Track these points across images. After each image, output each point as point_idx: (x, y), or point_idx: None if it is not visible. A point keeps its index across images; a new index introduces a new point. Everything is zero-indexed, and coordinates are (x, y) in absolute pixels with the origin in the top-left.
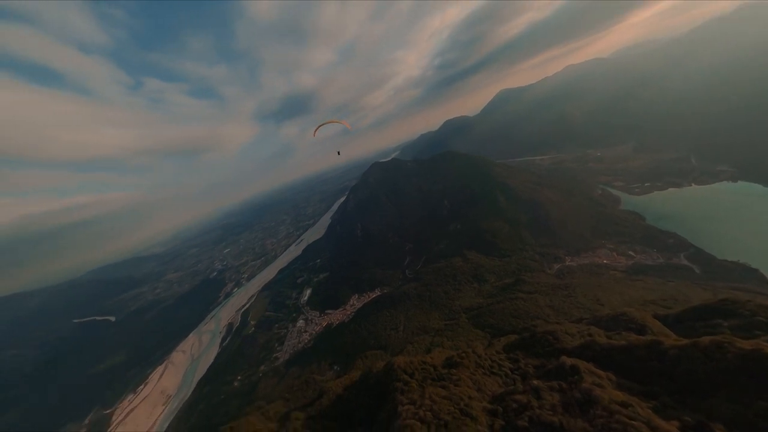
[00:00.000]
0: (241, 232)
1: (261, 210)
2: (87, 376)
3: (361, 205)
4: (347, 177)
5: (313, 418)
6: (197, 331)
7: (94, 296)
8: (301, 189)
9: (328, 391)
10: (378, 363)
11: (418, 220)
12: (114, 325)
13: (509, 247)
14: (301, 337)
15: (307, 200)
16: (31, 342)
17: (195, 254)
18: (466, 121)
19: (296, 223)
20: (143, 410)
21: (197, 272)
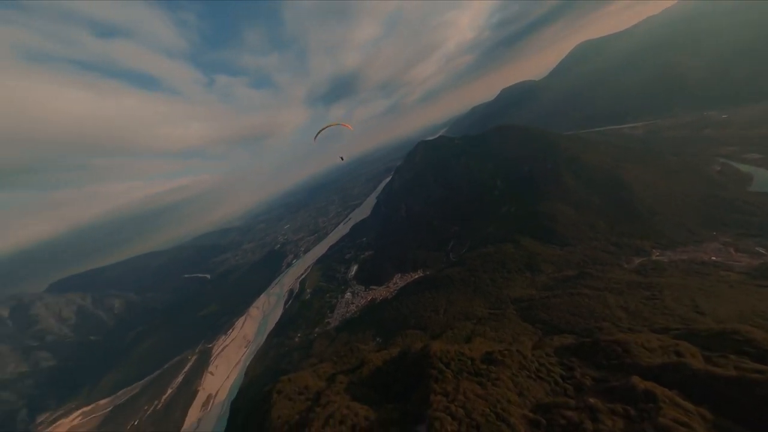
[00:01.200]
0: (298, 210)
1: (314, 190)
2: (195, 318)
3: (406, 185)
4: (392, 157)
5: (354, 383)
6: (267, 293)
7: (195, 258)
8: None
9: (369, 362)
10: (416, 343)
11: (465, 202)
12: (209, 281)
13: (574, 234)
14: (348, 308)
15: (353, 181)
16: (162, 288)
17: (263, 229)
18: (530, 88)
19: (344, 202)
20: (232, 348)
21: (265, 244)
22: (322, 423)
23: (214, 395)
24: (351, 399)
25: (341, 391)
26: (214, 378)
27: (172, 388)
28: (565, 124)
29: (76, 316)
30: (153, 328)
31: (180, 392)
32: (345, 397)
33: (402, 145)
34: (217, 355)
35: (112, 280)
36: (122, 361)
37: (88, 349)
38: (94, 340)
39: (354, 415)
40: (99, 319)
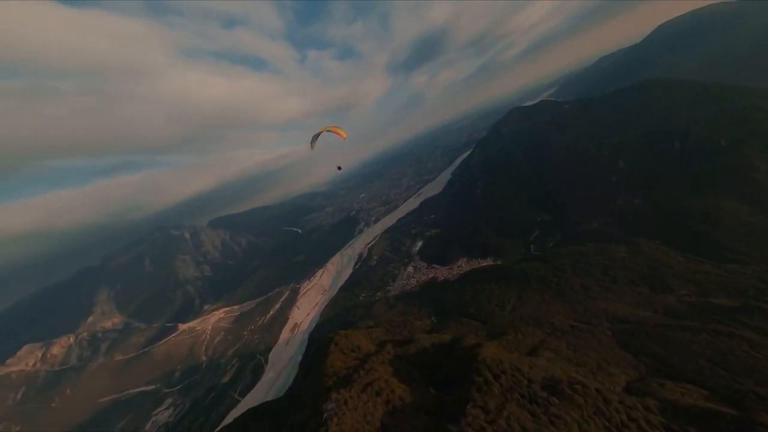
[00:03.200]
0: (373, 180)
1: (390, 161)
2: (289, 262)
3: (487, 161)
4: (477, 127)
5: (400, 357)
6: (341, 253)
7: (292, 214)
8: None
9: (418, 340)
10: (470, 336)
11: (562, 186)
12: (300, 235)
13: (745, 247)
14: (408, 281)
15: (429, 153)
16: (270, 234)
17: (343, 195)
18: (708, 17)
19: (417, 176)
20: (313, 292)
21: (343, 209)
22: (361, 388)
23: (299, 324)
24: (393, 372)
25: (386, 361)
26: (299, 311)
27: (273, 310)
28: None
29: (222, 246)
30: (263, 264)
31: (277, 315)
32: (388, 369)
33: (490, 112)
34: (302, 294)
35: (241, 223)
36: (245, 282)
37: (227, 269)
38: (230, 264)
39: (390, 391)
40: (233, 251)
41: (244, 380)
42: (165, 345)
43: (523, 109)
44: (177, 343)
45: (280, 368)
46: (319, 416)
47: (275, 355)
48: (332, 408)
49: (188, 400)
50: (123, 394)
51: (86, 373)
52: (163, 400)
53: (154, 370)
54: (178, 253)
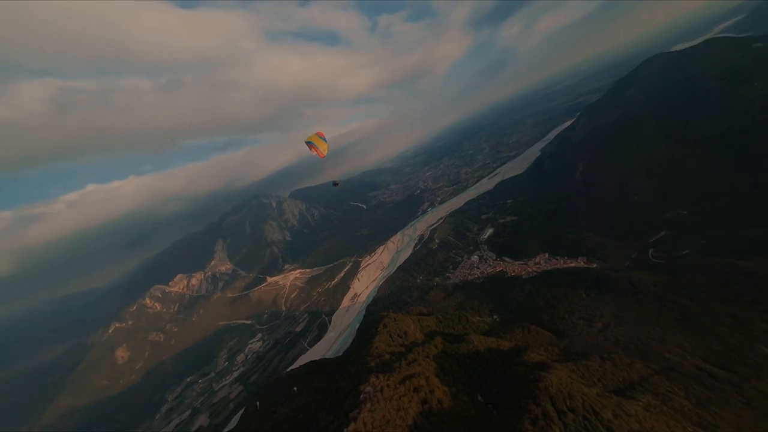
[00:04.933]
0: (442, 157)
1: (463, 135)
2: (353, 236)
3: (596, 134)
4: (583, 89)
5: (448, 354)
6: (401, 232)
7: (358, 189)
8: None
9: (472, 340)
10: (537, 350)
11: (719, 170)
12: (364, 211)
13: None
14: (472, 271)
15: (514, 125)
16: (338, 207)
17: (408, 172)
18: None
19: (494, 153)
20: (372, 267)
21: (408, 187)
22: (400, 379)
23: (358, 295)
24: (437, 369)
25: (431, 355)
26: (359, 283)
27: (337, 278)
28: None
29: (299, 215)
30: (331, 235)
31: (340, 283)
32: (431, 365)
33: (609, 67)
34: (363, 268)
35: (314, 195)
36: (316, 249)
37: (302, 236)
38: (305, 232)
39: (430, 390)
40: (307, 220)
41: (312, 333)
42: (257, 291)
43: (669, 57)
44: (265, 292)
45: (340, 331)
46: (356, 394)
47: (337, 318)
48: (369, 392)
49: (272, 338)
50: (231, 322)
51: (210, 301)
52: (256, 333)
53: (250, 309)
54: (267, 218)
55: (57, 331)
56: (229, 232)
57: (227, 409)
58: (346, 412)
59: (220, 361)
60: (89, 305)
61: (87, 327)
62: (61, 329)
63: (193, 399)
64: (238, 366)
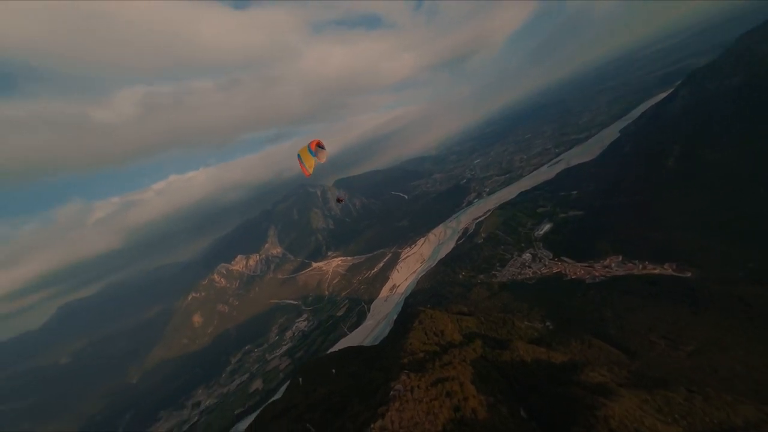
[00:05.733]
0: (493, 143)
1: (519, 118)
2: (393, 226)
3: (704, 107)
4: (684, 51)
5: (488, 360)
6: (444, 224)
7: (399, 179)
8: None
9: (516, 349)
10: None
11: None
12: (405, 201)
13: None
14: (522, 270)
15: (586, 102)
16: (379, 197)
17: (454, 160)
18: None
19: (558, 136)
20: (412, 259)
21: (452, 177)
22: (432, 381)
23: (397, 286)
24: (473, 376)
25: (469, 359)
26: (398, 274)
27: (377, 268)
28: None
29: (341, 205)
30: (371, 225)
31: (379, 273)
32: (468, 370)
33: (727, 20)
34: (402, 260)
35: (357, 185)
36: (357, 239)
37: (344, 225)
38: (347, 221)
39: (464, 398)
40: (349, 209)
41: (351, 319)
42: (304, 275)
43: None
44: (311, 276)
45: (378, 320)
46: (387, 389)
47: (375, 307)
48: (399, 389)
49: (316, 319)
50: (281, 301)
51: (264, 281)
52: (302, 313)
53: (297, 290)
54: (312, 207)
55: (152, 295)
56: (279, 218)
57: (277, 378)
58: (376, 406)
59: (272, 334)
60: (174, 276)
61: (173, 294)
62: (156, 294)
63: (250, 364)
64: (286, 341)
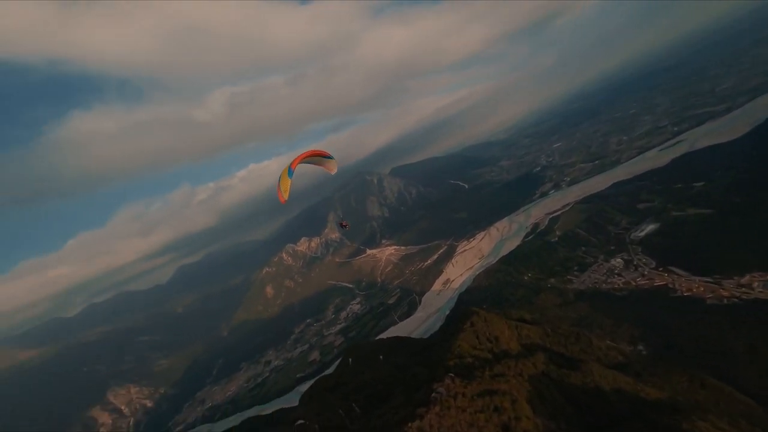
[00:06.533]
0: (580, 122)
1: (619, 89)
2: (450, 218)
3: None
4: None
5: (552, 380)
6: (509, 218)
7: (460, 166)
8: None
9: (592, 371)
10: (716, 420)
11: None
12: (465, 191)
13: None
14: (610, 278)
15: (723, 63)
16: (436, 186)
17: (527, 144)
18: None
19: (679, 111)
20: (469, 254)
21: (523, 164)
22: (479, 392)
23: (451, 281)
24: (530, 394)
25: (527, 373)
26: (453, 269)
27: (431, 260)
28: None
29: (397, 193)
30: (426, 215)
31: (433, 266)
32: (524, 387)
33: None
34: (458, 253)
35: (413, 173)
36: (411, 228)
37: (399, 214)
38: (402, 210)
39: (515, 417)
40: (405, 198)
41: (402, 308)
42: (358, 261)
43: None
44: (365, 262)
45: (428, 313)
46: (429, 389)
47: (427, 300)
48: (441, 392)
49: (368, 304)
50: (338, 282)
51: (324, 262)
52: (356, 297)
53: (352, 274)
54: (369, 195)
55: (237, 266)
56: (338, 205)
57: (332, 353)
58: (416, 404)
59: (329, 312)
60: (253, 251)
61: (252, 267)
62: (240, 265)
63: (310, 337)
64: (341, 321)
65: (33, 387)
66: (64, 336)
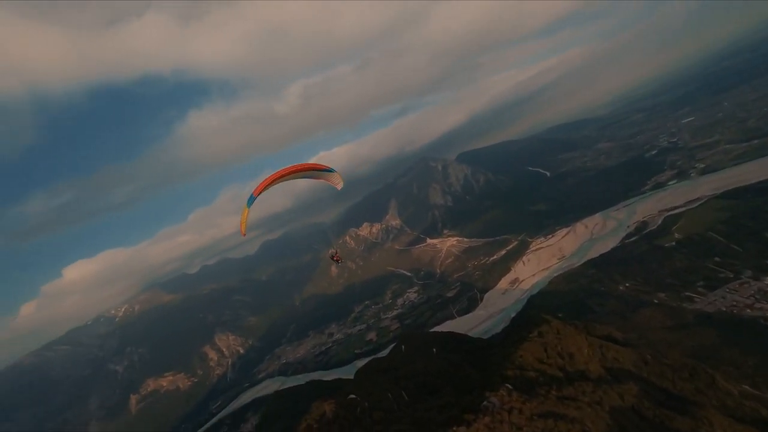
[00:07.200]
0: (726, 89)
1: None
2: (524, 210)
3: None
4: None
5: (642, 417)
6: (604, 213)
7: (542, 151)
8: None
9: (707, 421)
10: None
11: None
12: (546, 179)
13: None
14: (758, 304)
15: None
16: (508, 173)
17: (638, 121)
18: None
19: None
20: (546, 253)
21: (631, 146)
22: (540, 412)
23: (520, 281)
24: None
25: (608, 404)
26: (524, 267)
27: (497, 255)
28: None
29: (463, 180)
30: (495, 205)
31: (499, 262)
32: (602, 419)
33: None
34: (531, 251)
35: (483, 158)
36: (476, 219)
37: (464, 203)
38: (467, 199)
39: None
40: (471, 186)
41: (461, 303)
42: (417, 249)
43: None
44: (424, 251)
45: (490, 312)
46: (481, 396)
47: (490, 298)
48: (493, 403)
49: (426, 294)
50: (396, 269)
51: (383, 248)
52: (413, 285)
53: (411, 262)
54: (431, 182)
55: (308, 244)
56: (400, 191)
57: (387, 336)
58: (464, 408)
59: (386, 297)
60: (321, 232)
61: (320, 246)
62: (309, 244)
63: (368, 317)
64: (398, 307)
65: (168, 323)
66: (188, 288)
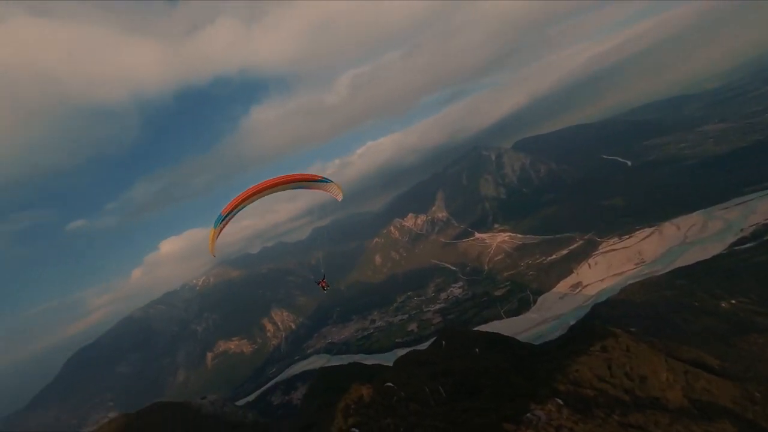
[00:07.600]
0: None
1: None
2: (594, 205)
3: None
4: None
5: None
6: (707, 212)
7: (623, 136)
8: None
9: None
10: None
11: None
12: (627, 169)
13: None
14: None
15: None
16: (577, 163)
17: (765, 95)
18: None
19: None
20: (620, 255)
21: (754, 126)
22: None
23: (583, 285)
24: None
25: None
26: (589, 271)
27: (557, 255)
28: None
29: (520, 171)
30: (558, 198)
31: (560, 263)
32: None
33: None
34: (600, 253)
35: (546, 146)
36: (534, 214)
37: (520, 196)
38: (524, 191)
39: None
40: (529, 177)
41: (510, 304)
42: (464, 243)
43: None
44: (471, 246)
45: (544, 317)
46: (525, 406)
47: (545, 301)
48: (539, 416)
49: (471, 291)
50: (440, 262)
51: (428, 240)
52: (458, 280)
53: (456, 256)
54: (483, 172)
55: (354, 232)
56: (448, 182)
57: (429, 329)
58: (504, 417)
59: (429, 290)
60: (368, 221)
61: (365, 235)
62: (356, 232)
63: (410, 308)
64: (441, 301)
65: (234, 294)
66: (250, 266)
